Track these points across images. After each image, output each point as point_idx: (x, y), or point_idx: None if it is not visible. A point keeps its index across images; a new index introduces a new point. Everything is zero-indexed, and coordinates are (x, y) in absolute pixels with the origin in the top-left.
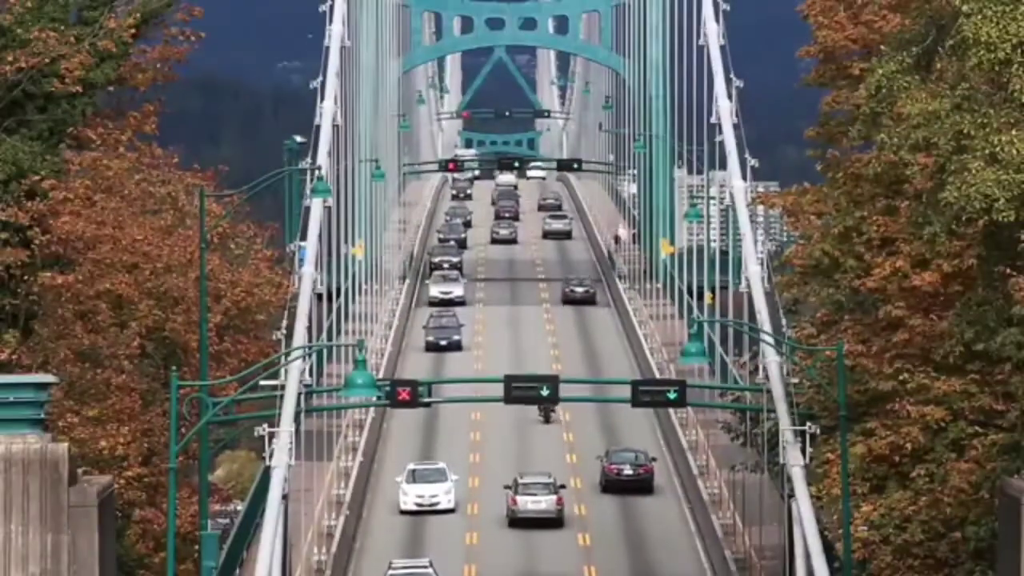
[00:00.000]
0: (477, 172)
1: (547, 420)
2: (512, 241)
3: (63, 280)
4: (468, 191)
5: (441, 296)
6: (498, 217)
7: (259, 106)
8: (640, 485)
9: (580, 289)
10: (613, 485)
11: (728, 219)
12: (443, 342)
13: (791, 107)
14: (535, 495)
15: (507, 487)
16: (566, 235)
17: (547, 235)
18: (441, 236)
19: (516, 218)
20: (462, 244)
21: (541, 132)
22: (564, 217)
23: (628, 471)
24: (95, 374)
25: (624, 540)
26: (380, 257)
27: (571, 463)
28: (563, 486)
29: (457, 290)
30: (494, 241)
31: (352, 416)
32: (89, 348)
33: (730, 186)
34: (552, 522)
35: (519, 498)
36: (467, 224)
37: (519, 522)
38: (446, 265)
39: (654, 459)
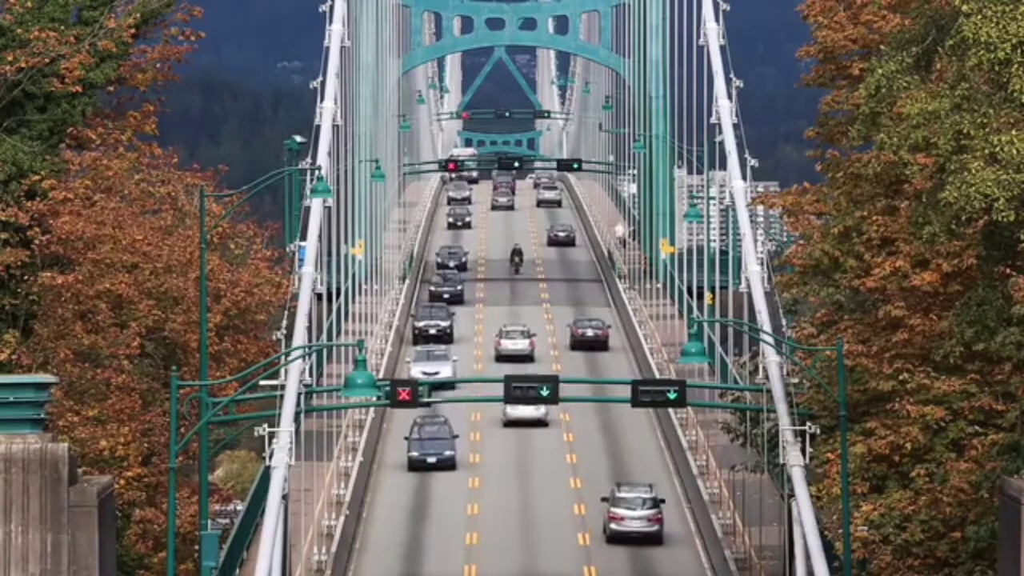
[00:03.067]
0: (475, 174)
1: (517, 272)
2: (510, 208)
3: (63, 280)
4: (467, 218)
5: (425, 379)
6: (496, 189)
7: (259, 106)
8: (597, 344)
9: (562, 233)
10: (579, 344)
11: (728, 219)
12: (431, 459)
13: (791, 107)
14: (514, 339)
15: (496, 335)
16: (556, 204)
17: (540, 203)
18: (433, 289)
19: (513, 192)
20: (456, 298)
21: (541, 132)
22: (555, 188)
23: (590, 334)
24: (95, 374)
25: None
26: (380, 257)
27: (571, 463)
28: (534, 333)
29: (445, 370)
30: (494, 208)
31: (352, 416)
32: (89, 348)
33: (730, 186)
34: (526, 358)
35: (503, 341)
36: (462, 267)
37: (503, 358)
38: (432, 330)
39: (609, 326)
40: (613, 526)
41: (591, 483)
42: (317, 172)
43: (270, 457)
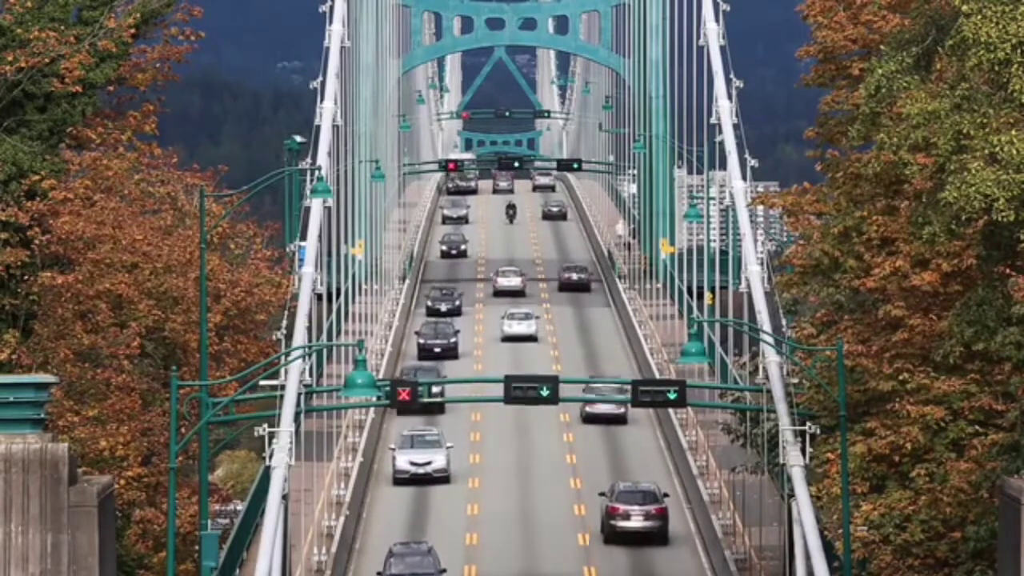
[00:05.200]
0: (474, 184)
1: (511, 221)
2: (509, 191)
3: (63, 280)
4: (462, 246)
5: (413, 471)
6: (496, 176)
7: (259, 106)
8: (580, 286)
9: (555, 208)
10: (565, 286)
11: (728, 219)
12: None
13: (791, 107)
14: (508, 277)
15: (494, 274)
16: (551, 188)
17: (535, 188)
18: (422, 342)
19: (513, 178)
20: (449, 352)
21: (541, 132)
22: (549, 175)
23: (574, 278)
24: (95, 374)
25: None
26: (380, 257)
27: (571, 464)
28: (524, 273)
29: (438, 459)
30: (495, 191)
31: (352, 417)
32: (89, 348)
33: (730, 186)
34: (519, 293)
35: (499, 279)
36: (455, 311)
37: (500, 293)
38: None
39: (591, 272)
40: (587, 409)
41: (591, 483)
42: (317, 172)
43: (270, 457)
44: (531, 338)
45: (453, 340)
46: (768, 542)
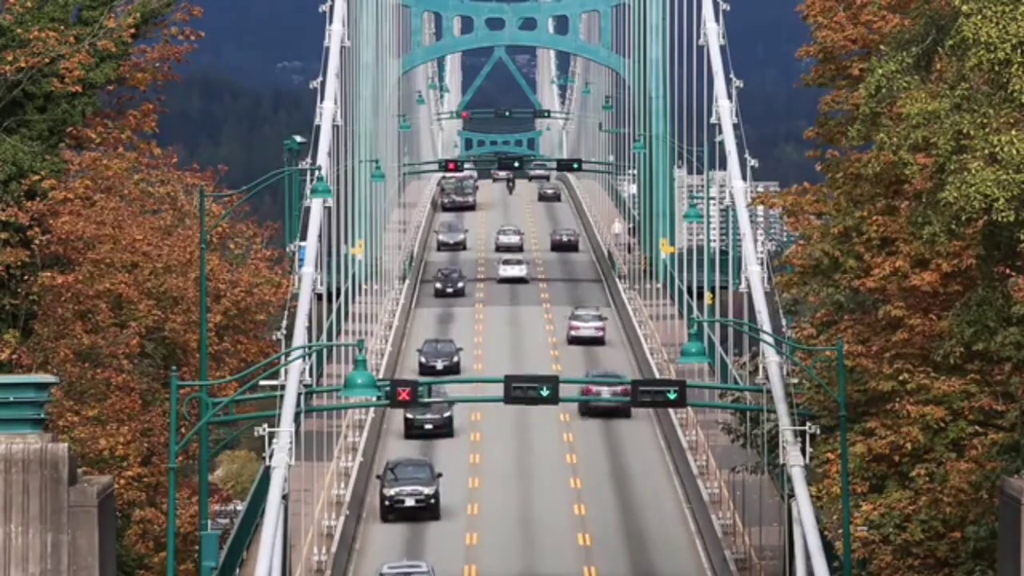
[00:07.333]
0: (472, 199)
1: (511, 193)
2: (508, 180)
3: (63, 280)
4: (459, 284)
5: None
6: (494, 174)
7: (259, 106)
8: (571, 246)
9: (550, 191)
10: (557, 247)
11: (728, 219)
12: None
13: (791, 107)
14: (508, 236)
15: (496, 232)
16: (546, 178)
17: (531, 179)
18: (411, 416)
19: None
20: (444, 430)
21: (541, 132)
22: (544, 167)
23: (565, 239)
24: (95, 374)
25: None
26: (380, 257)
27: (571, 464)
28: (523, 232)
29: None
30: (495, 181)
31: (352, 416)
32: (89, 348)
33: (730, 186)
34: (518, 248)
35: (500, 236)
36: (452, 369)
37: (500, 248)
38: (410, 501)
39: (579, 235)
40: (572, 333)
41: (591, 483)
42: (317, 172)
43: (270, 457)
44: (522, 280)
45: (448, 414)
46: (768, 542)
